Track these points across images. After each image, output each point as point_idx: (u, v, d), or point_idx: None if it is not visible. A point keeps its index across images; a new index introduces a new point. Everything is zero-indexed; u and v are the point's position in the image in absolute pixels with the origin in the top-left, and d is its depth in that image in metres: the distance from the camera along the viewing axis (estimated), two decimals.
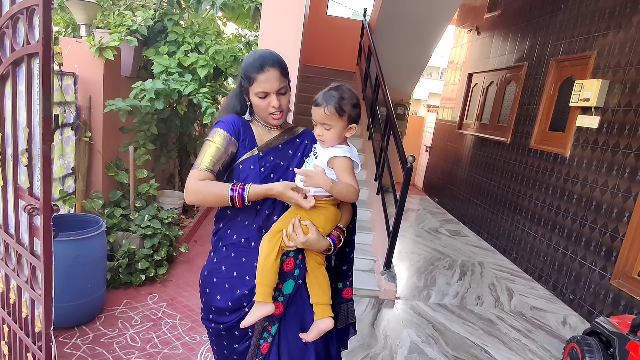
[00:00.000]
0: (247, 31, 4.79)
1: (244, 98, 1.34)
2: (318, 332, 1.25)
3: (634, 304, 2.91)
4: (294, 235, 1.19)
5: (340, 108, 1.20)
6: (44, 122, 1.26)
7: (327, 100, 1.21)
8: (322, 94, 1.23)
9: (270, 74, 1.25)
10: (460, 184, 6.24)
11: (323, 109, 1.21)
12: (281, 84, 1.27)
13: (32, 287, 1.45)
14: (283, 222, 1.24)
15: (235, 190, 1.20)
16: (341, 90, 1.23)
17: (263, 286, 1.20)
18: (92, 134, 3.01)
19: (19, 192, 1.49)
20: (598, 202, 3.41)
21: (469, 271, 4.12)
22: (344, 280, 1.45)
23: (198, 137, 4.61)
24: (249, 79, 1.27)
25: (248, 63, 1.28)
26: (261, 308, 1.21)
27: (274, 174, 1.31)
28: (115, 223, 3.00)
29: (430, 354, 2.61)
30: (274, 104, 1.27)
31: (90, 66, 2.91)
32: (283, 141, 1.35)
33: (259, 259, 1.21)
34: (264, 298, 1.20)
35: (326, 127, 1.22)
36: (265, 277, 1.19)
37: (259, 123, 1.36)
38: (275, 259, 1.20)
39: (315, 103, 1.24)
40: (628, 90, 3.24)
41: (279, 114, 1.29)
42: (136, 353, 2.24)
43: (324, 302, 1.28)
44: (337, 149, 1.25)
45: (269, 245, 1.20)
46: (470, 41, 6.54)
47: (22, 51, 1.34)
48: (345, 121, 1.23)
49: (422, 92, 18.90)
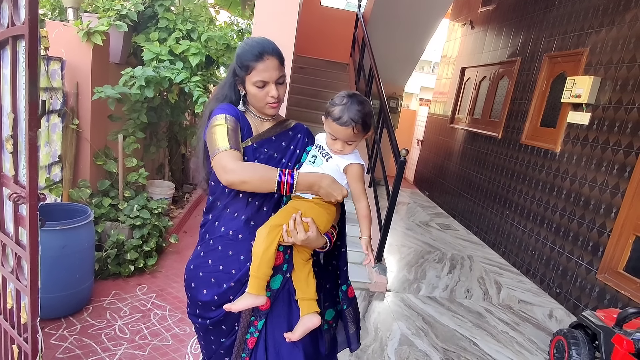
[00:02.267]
0: (240, 19, 4.71)
1: (237, 88, 1.30)
2: (304, 330, 1.22)
3: (619, 298, 2.97)
4: (295, 232, 1.16)
5: (366, 125, 1.19)
6: (30, 107, 1.21)
7: (354, 119, 1.16)
8: (345, 109, 1.17)
9: (270, 62, 1.21)
10: (451, 178, 6.27)
11: (352, 129, 1.17)
12: (280, 72, 1.24)
13: (18, 278, 1.41)
14: (282, 216, 1.20)
15: (283, 176, 1.13)
16: (362, 103, 1.19)
17: (258, 279, 1.18)
18: (80, 121, 2.93)
19: (4, 180, 1.44)
20: (587, 197, 3.45)
21: (458, 264, 4.17)
22: (346, 281, 1.43)
23: (189, 127, 4.54)
24: (246, 67, 1.22)
25: (245, 51, 1.23)
26: (252, 299, 1.18)
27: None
28: (104, 213, 2.95)
29: (420, 346, 2.63)
30: (273, 93, 1.23)
31: (78, 51, 2.83)
32: (276, 133, 1.32)
33: (255, 251, 1.18)
34: (257, 291, 1.18)
35: (349, 143, 1.21)
36: (261, 270, 1.17)
37: (253, 114, 1.32)
38: (273, 253, 1.17)
39: (339, 121, 1.16)
40: (619, 87, 3.27)
41: (276, 104, 1.26)
42: (125, 344, 2.21)
43: (310, 297, 1.26)
44: (352, 155, 1.25)
45: (268, 238, 1.16)
46: (463, 35, 6.53)
47: (7, 33, 1.28)
48: (366, 133, 1.24)
49: (414, 85, 18.93)
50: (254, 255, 1.18)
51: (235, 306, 1.18)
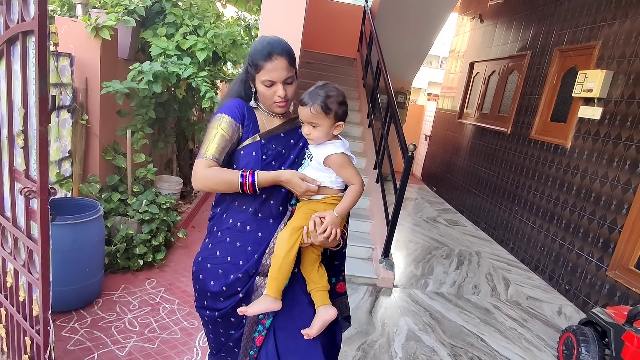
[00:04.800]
0: (247, 14, 4.70)
1: (249, 84, 1.32)
2: (322, 324, 1.23)
3: (629, 295, 2.94)
4: (314, 233, 1.19)
5: (326, 106, 1.20)
6: (40, 102, 1.23)
7: (312, 99, 1.20)
8: (308, 93, 1.22)
9: (278, 62, 1.22)
10: (459, 173, 6.23)
11: (309, 108, 1.20)
12: (288, 73, 1.25)
13: (30, 271, 1.43)
14: (301, 218, 1.23)
15: (245, 177, 1.21)
16: (327, 88, 1.21)
17: (277, 282, 1.19)
18: (89, 116, 2.96)
19: (15, 174, 1.46)
20: (597, 193, 3.41)
21: (466, 260, 4.14)
22: (337, 275, 1.44)
23: (196, 122, 4.55)
24: (255, 66, 1.24)
25: (256, 50, 1.25)
26: (269, 302, 1.20)
27: (275, 161, 1.30)
28: (113, 208, 2.98)
29: (427, 342, 2.63)
30: (280, 93, 1.25)
31: (87, 47, 2.85)
32: (285, 130, 1.34)
33: (276, 254, 1.20)
34: (275, 293, 1.20)
35: (313, 126, 1.22)
36: (282, 273, 1.19)
37: (263, 110, 1.34)
38: (294, 256, 1.19)
39: (301, 102, 1.22)
40: (632, 81, 3.21)
41: (283, 103, 1.28)
42: (134, 337, 2.24)
43: (323, 288, 1.27)
44: (329, 146, 1.24)
45: (289, 242, 1.18)
46: (472, 29, 6.45)
47: (17, 28, 1.29)
48: (332, 119, 1.22)
49: (422, 80, 18.77)
50: (275, 258, 1.20)
51: (251, 309, 1.20)
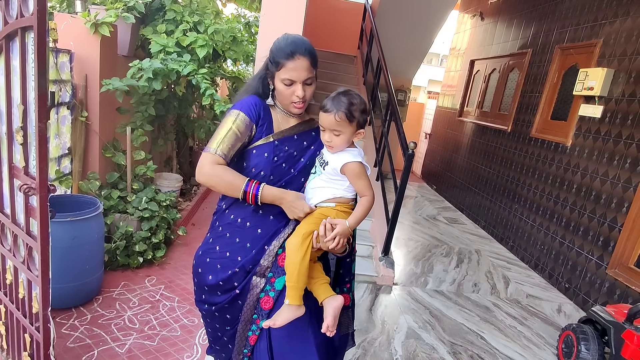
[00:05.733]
0: (247, 11, 4.68)
1: (267, 82, 1.31)
2: (334, 314, 1.19)
3: (629, 293, 2.94)
4: (324, 238, 1.18)
5: (350, 114, 1.18)
6: (39, 99, 1.22)
7: (337, 107, 1.18)
8: (331, 99, 1.20)
9: (300, 62, 1.21)
10: (459, 171, 6.22)
11: (333, 116, 1.18)
12: (309, 74, 1.24)
13: (29, 268, 1.43)
14: (311, 223, 1.21)
15: (250, 187, 1.20)
16: (350, 95, 1.20)
17: (297, 290, 1.18)
18: (89, 114, 2.95)
19: (14, 171, 1.45)
20: (598, 192, 3.40)
21: (466, 258, 4.14)
22: (341, 286, 1.41)
23: (196, 120, 4.54)
24: (277, 63, 1.23)
25: (279, 47, 1.23)
26: (294, 311, 1.19)
27: (285, 164, 1.29)
28: (113, 205, 2.97)
29: (427, 340, 2.63)
30: (299, 93, 1.23)
31: (87, 44, 2.83)
32: (298, 132, 1.33)
33: (291, 261, 1.18)
34: (298, 301, 1.19)
35: (335, 134, 1.20)
36: (300, 280, 1.17)
37: (279, 109, 1.33)
38: (308, 262, 1.18)
39: (324, 109, 1.20)
40: (633, 79, 3.20)
41: (301, 104, 1.26)
42: (134, 334, 2.24)
43: (323, 281, 1.26)
44: (347, 154, 1.23)
45: (302, 248, 1.17)
46: (473, 27, 6.43)
47: (16, 24, 1.28)
48: (355, 127, 1.21)
49: (422, 78, 18.76)
50: (290, 265, 1.18)
51: (279, 322, 1.18)
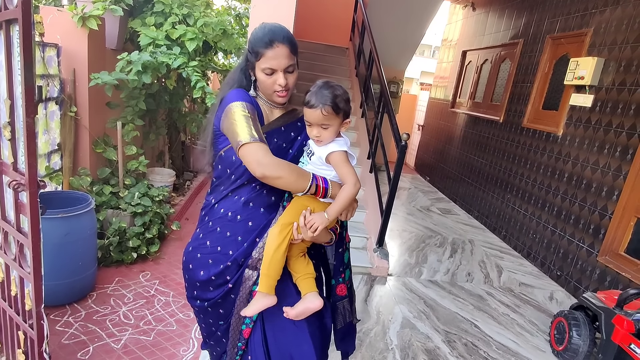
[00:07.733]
0: (237, 3, 4.63)
1: (249, 73, 1.29)
2: (304, 309, 1.21)
3: (619, 279, 2.99)
4: (305, 229, 1.17)
5: (336, 106, 1.18)
6: (26, 93, 1.20)
7: (322, 101, 1.17)
8: (314, 94, 1.18)
9: (279, 50, 1.19)
10: (451, 162, 6.25)
11: (320, 110, 1.17)
12: (290, 61, 1.22)
13: (21, 265, 1.41)
14: (292, 214, 1.20)
15: (319, 179, 1.19)
16: (332, 87, 1.19)
17: (269, 278, 1.18)
18: (78, 108, 2.91)
19: (3, 167, 1.43)
20: (588, 180, 3.44)
21: (459, 248, 4.18)
22: (335, 277, 1.42)
23: (188, 114, 4.50)
24: (256, 53, 1.21)
25: (257, 37, 1.21)
26: (264, 299, 1.19)
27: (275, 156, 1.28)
28: (105, 201, 2.94)
29: (422, 329, 2.66)
30: (281, 82, 1.22)
31: (74, 37, 2.78)
32: (285, 123, 1.32)
33: (266, 250, 1.18)
34: (268, 290, 1.18)
35: (324, 127, 1.19)
36: (272, 269, 1.17)
37: (263, 100, 1.31)
38: (284, 252, 1.18)
39: (308, 105, 1.18)
40: (623, 68, 3.23)
41: (284, 93, 1.25)
42: (130, 330, 2.23)
43: (308, 274, 1.26)
44: (333, 144, 1.22)
45: (279, 237, 1.16)
46: (465, 18, 6.42)
47: (0, 17, 1.25)
48: (341, 118, 1.21)
49: (415, 70, 18.72)
50: (265, 254, 1.18)
51: (250, 311, 1.19)
